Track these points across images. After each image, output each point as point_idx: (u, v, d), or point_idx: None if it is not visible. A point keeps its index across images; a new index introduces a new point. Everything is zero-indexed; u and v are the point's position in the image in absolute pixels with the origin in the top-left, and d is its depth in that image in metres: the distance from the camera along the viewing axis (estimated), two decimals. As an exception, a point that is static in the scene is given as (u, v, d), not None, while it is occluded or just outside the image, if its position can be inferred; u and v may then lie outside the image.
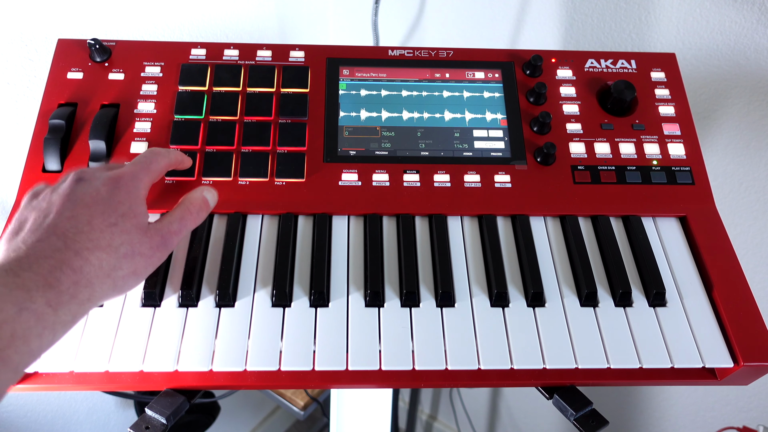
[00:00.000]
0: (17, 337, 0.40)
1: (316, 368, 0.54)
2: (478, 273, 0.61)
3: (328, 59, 0.72)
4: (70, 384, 0.54)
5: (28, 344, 0.41)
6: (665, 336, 0.57)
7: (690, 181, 0.67)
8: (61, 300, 0.43)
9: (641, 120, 0.70)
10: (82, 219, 0.47)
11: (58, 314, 0.43)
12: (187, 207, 0.55)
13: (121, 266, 0.48)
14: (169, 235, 0.52)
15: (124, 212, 0.49)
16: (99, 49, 0.68)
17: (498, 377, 0.56)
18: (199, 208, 0.56)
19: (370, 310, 0.58)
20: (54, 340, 0.43)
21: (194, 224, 0.55)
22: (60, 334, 0.44)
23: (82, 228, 0.46)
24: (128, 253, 0.48)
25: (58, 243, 0.45)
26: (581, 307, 0.59)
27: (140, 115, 0.67)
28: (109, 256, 0.47)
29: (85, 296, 0.45)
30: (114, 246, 0.47)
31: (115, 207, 0.49)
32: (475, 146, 0.68)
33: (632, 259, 0.63)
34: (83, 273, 0.45)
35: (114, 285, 0.47)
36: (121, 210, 0.49)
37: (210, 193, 0.58)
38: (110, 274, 0.47)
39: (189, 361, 0.54)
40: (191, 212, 0.55)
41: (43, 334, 0.42)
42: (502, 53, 0.74)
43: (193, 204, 0.56)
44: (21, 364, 0.41)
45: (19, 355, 0.40)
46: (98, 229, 0.47)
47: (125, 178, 0.51)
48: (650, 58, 0.74)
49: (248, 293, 0.58)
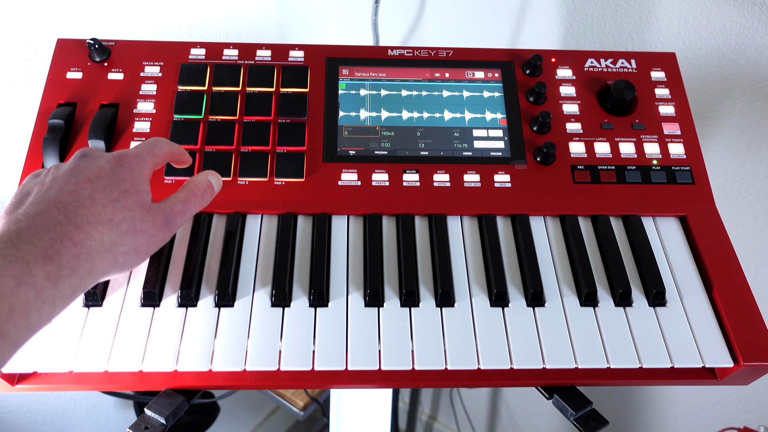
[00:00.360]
0: (16, 311, 0.40)
1: (315, 368, 0.54)
2: (477, 273, 0.61)
3: (327, 59, 0.72)
4: (69, 384, 0.54)
5: (27, 318, 0.40)
6: (665, 336, 0.57)
7: (690, 181, 0.67)
8: (61, 273, 0.43)
9: (641, 120, 0.70)
10: (84, 193, 0.47)
11: (58, 288, 0.42)
12: (192, 189, 0.55)
13: (123, 242, 0.47)
14: (173, 216, 0.52)
15: (126, 189, 0.49)
16: (98, 49, 0.68)
17: (498, 377, 0.56)
18: (203, 191, 0.56)
19: (370, 309, 0.58)
20: (53, 315, 0.43)
21: (198, 207, 0.55)
22: (59, 309, 0.43)
23: (84, 202, 0.46)
24: (130, 230, 0.48)
25: (59, 216, 0.44)
26: (581, 306, 0.59)
27: (139, 114, 0.67)
28: (110, 231, 0.46)
29: (85, 270, 0.44)
30: (116, 221, 0.47)
31: (118, 183, 0.49)
32: (475, 146, 0.68)
33: (632, 258, 0.63)
34: (84, 247, 0.44)
35: (115, 261, 0.47)
36: (123, 186, 0.49)
37: (215, 177, 0.58)
38: (111, 249, 0.46)
39: (188, 361, 0.54)
40: (196, 194, 0.55)
41: (42, 309, 0.41)
42: (501, 53, 0.74)
43: (198, 186, 0.55)
44: (20, 338, 0.40)
45: (17, 329, 0.40)
46: (100, 203, 0.47)
47: (129, 156, 0.51)
48: (650, 57, 0.74)
49: (247, 293, 0.58)
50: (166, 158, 0.56)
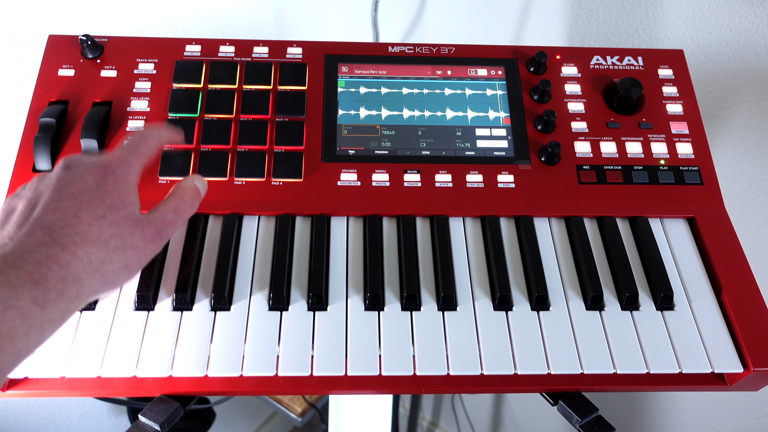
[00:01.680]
0: (2, 337, 0.39)
1: (314, 374, 0.54)
2: (480, 276, 0.61)
3: (326, 56, 0.72)
4: (61, 390, 0.54)
5: (14, 344, 0.40)
6: (673, 340, 0.57)
7: (698, 181, 0.67)
8: (48, 297, 0.42)
9: (648, 118, 0.70)
10: (69, 211, 0.46)
11: (46, 312, 0.42)
12: (181, 196, 0.54)
13: (112, 260, 0.47)
14: (164, 226, 0.51)
15: (112, 203, 0.48)
16: (91, 46, 0.68)
17: (501, 383, 0.56)
18: (192, 197, 0.55)
19: (370, 313, 0.58)
20: (42, 340, 0.43)
21: (189, 214, 0.54)
22: (48, 333, 0.43)
23: (69, 221, 0.46)
24: (119, 246, 0.47)
25: (45, 238, 0.44)
26: (587, 310, 0.59)
27: (133, 113, 0.67)
28: (98, 250, 0.46)
29: (73, 293, 0.44)
30: (103, 239, 0.46)
31: (103, 197, 0.48)
32: (478, 145, 0.68)
33: (639, 261, 0.63)
34: (71, 269, 0.44)
35: (104, 280, 0.46)
36: (108, 201, 0.48)
37: (201, 181, 0.57)
38: (99, 268, 0.46)
39: (183, 366, 0.54)
40: (185, 201, 0.54)
41: (30, 333, 0.41)
42: (505, 50, 0.74)
43: (187, 193, 0.55)
44: (7, 364, 0.40)
45: (4, 355, 0.40)
46: (86, 221, 0.46)
47: (113, 165, 0.50)
48: (658, 54, 0.74)
49: (244, 297, 0.58)
50: (154, 153, 0.55)
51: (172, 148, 0.65)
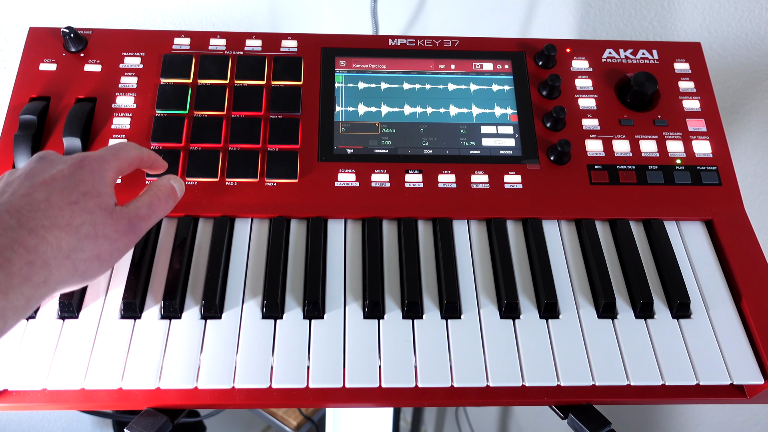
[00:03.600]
0: None
1: (310, 385, 0.54)
2: (486, 282, 0.61)
3: (323, 49, 0.72)
4: (42, 403, 0.54)
5: None
6: (690, 350, 0.57)
7: (716, 182, 0.67)
8: (12, 283, 0.42)
9: (664, 115, 0.70)
10: (39, 196, 0.47)
11: (9, 299, 0.42)
12: (155, 192, 0.55)
13: (83, 247, 0.47)
14: (138, 220, 0.52)
15: (86, 191, 0.49)
16: (74, 39, 0.68)
17: (508, 395, 0.56)
18: (167, 195, 0.56)
19: (369, 322, 0.58)
20: (5, 328, 0.43)
21: (163, 212, 0.55)
22: (12, 322, 0.43)
23: (39, 205, 0.46)
24: (90, 234, 0.48)
25: (11, 221, 0.44)
26: (599, 318, 0.59)
27: (119, 110, 0.67)
28: (68, 235, 0.46)
29: (40, 278, 0.44)
30: (74, 225, 0.47)
31: (77, 185, 0.49)
32: (483, 144, 0.68)
33: (654, 266, 0.63)
34: (38, 252, 0.44)
35: (75, 268, 0.47)
36: (83, 188, 0.49)
37: (177, 182, 0.58)
38: (70, 255, 0.46)
39: (172, 377, 0.54)
40: (160, 198, 0.55)
41: None
42: (512, 42, 0.74)
43: (162, 190, 0.55)
44: None
45: None
46: (57, 206, 0.47)
47: (90, 158, 0.51)
48: (673, 47, 0.74)
49: (236, 304, 0.58)
50: (133, 163, 0.56)
51: (160, 147, 0.65)
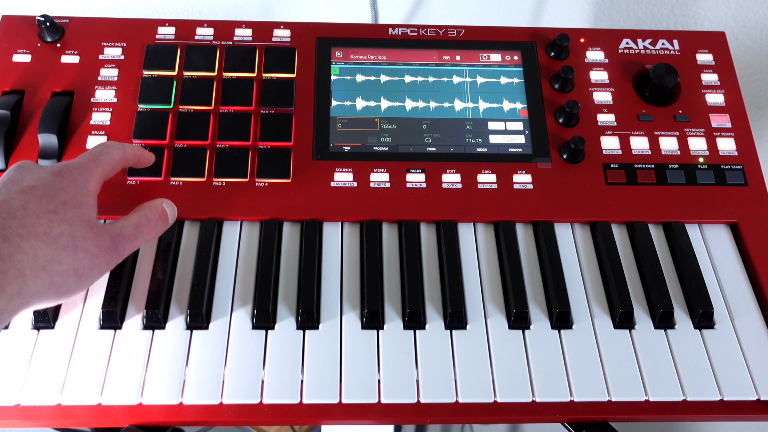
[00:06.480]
0: None
1: (304, 401, 0.54)
2: (493, 290, 0.61)
3: (318, 39, 0.72)
4: (16, 420, 0.54)
5: None
6: (713, 363, 0.58)
7: (742, 182, 0.67)
8: None
9: (685, 110, 0.71)
10: (16, 204, 0.47)
11: None
12: (145, 213, 0.56)
13: (60, 259, 0.48)
14: (122, 239, 0.52)
15: (66, 200, 0.49)
16: (50, 28, 0.69)
17: (517, 411, 0.56)
18: (158, 219, 0.56)
19: (368, 332, 0.58)
20: None
21: (151, 235, 0.56)
22: None
23: (15, 213, 0.47)
24: (69, 246, 0.48)
25: None
26: (615, 329, 0.60)
27: (98, 104, 0.67)
28: (45, 245, 0.47)
29: (14, 290, 0.45)
30: (52, 235, 0.47)
31: (56, 193, 0.49)
32: (491, 141, 0.68)
33: (674, 273, 0.64)
34: (12, 262, 0.45)
35: (50, 281, 0.47)
36: (62, 197, 0.49)
37: (170, 207, 0.59)
38: (46, 266, 0.47)
39: (155, 392, 0.54)
40: (150, 220, 0.55)
41: None
42: (522, 32, 0.74)
43: (153, 212, 0.56)
44: None
45: None
46: (34, 214, 0.47)
47: (71, 166, 0.52)
48: (696, 37, 0.75)
49: (224, 313, 0.59)
50: (118, 165, 0.57)
51: (143, 144, 0.65)
